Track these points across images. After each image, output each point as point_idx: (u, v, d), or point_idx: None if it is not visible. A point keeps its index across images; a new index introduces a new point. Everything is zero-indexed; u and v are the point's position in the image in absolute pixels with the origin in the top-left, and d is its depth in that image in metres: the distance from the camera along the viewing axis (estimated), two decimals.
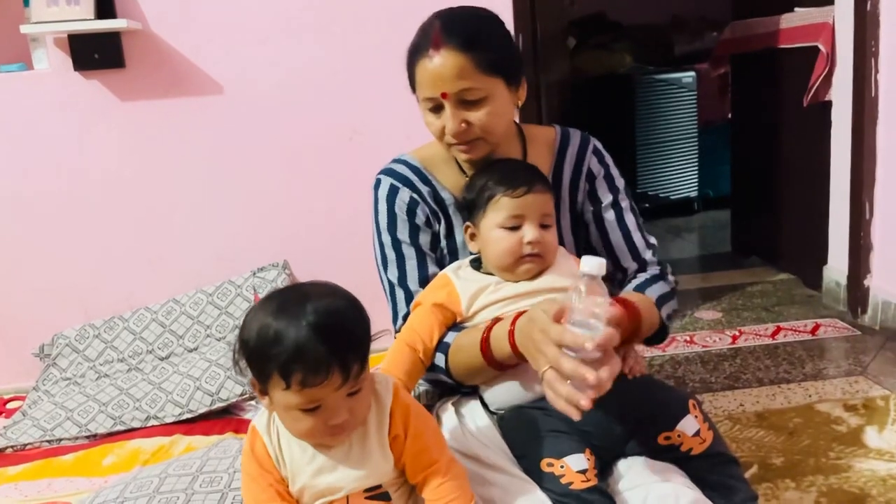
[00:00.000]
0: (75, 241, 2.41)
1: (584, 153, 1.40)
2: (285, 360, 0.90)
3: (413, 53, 1.26)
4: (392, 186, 1.36)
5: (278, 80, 2.39)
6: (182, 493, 1.40)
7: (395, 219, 1.36)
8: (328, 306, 0.93)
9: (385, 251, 1.37)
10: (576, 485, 1.08)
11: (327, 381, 0.91)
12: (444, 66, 1.20)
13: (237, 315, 2.32)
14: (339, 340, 0.92)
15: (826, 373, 2.27)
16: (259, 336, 0.92)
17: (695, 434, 1.13)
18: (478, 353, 1.17)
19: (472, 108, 1.23)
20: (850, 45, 2.61)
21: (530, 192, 1.20)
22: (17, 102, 2.33)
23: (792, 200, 3.17)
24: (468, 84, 1.21)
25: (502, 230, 1.21)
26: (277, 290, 1.00)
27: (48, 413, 2.08)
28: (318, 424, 0.94)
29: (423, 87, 1.24)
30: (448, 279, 1.26)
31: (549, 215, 1.22)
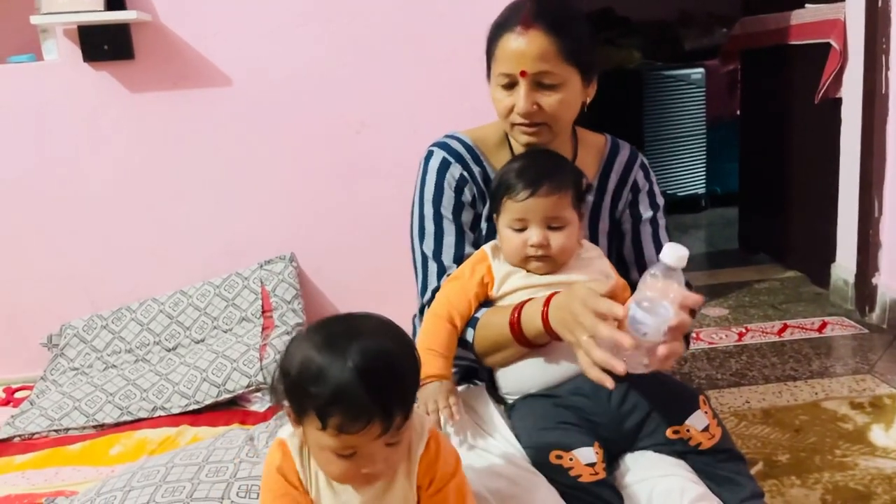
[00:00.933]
0: (84, 232, 2.42)
1: (631, 165, 1.41)
2: (324, 401, 0.84)
3: (498, 27, 1.26)
4: (444, 160, 1.36)
5: (286, 73, 2.39)
6: (188, 483, 1.41)
7: (441, 193, 1.35)
8: (378, 347, 0.87)
9: (424, 223, 1.36)
10: (584, 478, 1.09)
11: (366, 430, 0.84)
12: (530, 45, 1.20)
13: (244, 307, 2.33)
14: (385, 388, 0.85)
15: (833, 371, 2.27)
16: (301, 369, 0.86)
17: (704, 429, 1.14)
18: (506, 330, 1.17)
19: (546, 92, 1.23)
20: (860, 42, 2.60)
21: (533, 195, 1.18)
22: (26, 93, 2.33)
23: (800, 198, 3.16)
24: (549, 67, 1.21)
25: (510, 230, 1.21)
26: (327, 318, 0.93)
27: (56, 403, 2.09)
28: (351, 470, 0.89)
29: (503, 63, 1.24)
30: (486, 256, 1.26)
31: (558, 217, 1.19)
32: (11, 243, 2.41)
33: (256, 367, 2.09)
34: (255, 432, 1.69)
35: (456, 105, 2.39)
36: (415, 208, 1.39)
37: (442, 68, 2.41)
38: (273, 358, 2.11)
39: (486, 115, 1.37)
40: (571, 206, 1.20)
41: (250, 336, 2.21)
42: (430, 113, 2.43)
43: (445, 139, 1.40)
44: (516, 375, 1.23)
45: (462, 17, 2.39)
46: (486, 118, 1.41)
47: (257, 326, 2.27)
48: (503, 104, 1.26)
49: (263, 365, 2.09)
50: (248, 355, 2.12)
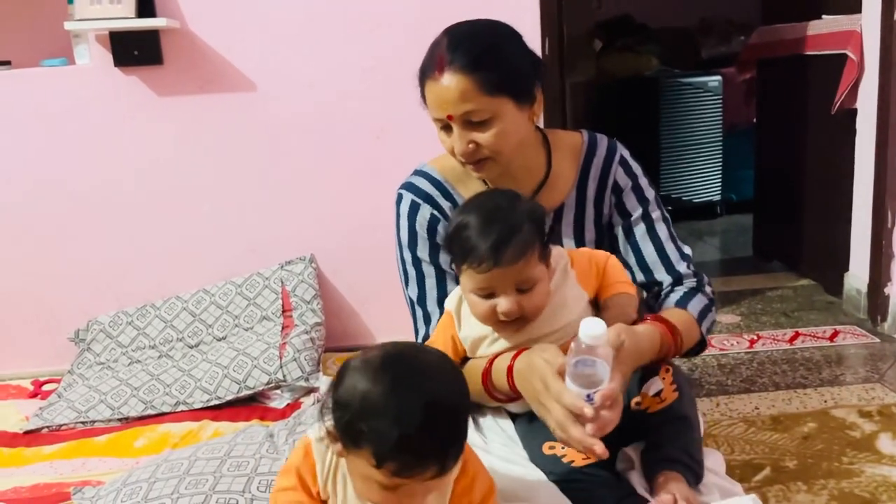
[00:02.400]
0: (111, 231, 2.49)
1: (609, 164, 1.35)
2: (387, 447, 0.83)
3: (422, 73, 1.26)
4: (413, 203, 1.35)
5: (309, 79, 2.44)
6: (211, 476, 1.46)
7: (415, 236, 1.34)
8: (448, 396, 0.86)
9: (406, 268, 1.37)
10: (577, 462, 1.11)
11: (421, 476, 0.85)
12: (448, 88, 1.18)
13: (265, 306, 2.38)
14: (447, 438, 0.85)
15: (843, 379, 2.29)
16: (363, 406, 0.84)
17: (655, 394, 1.14)
18: (480, 386, 1.18)
19: (479, 129, 1.20)
20: (876, 53, 2.62)
21: (496, 267, 1.06)
22: (58, 95, 2.40)
23: (815, 206, 3.17)
24: (472, 106, 1.18)
25: (475, 296, 1.12)
26: (387, 350, 0.90)
27: (83, 396, 2.15)
28: (390, 501, 0.89)
29: (431, 108, 1.24)
30: (451, 321, 1.21)
31: (528, 279, 1.10)
32: (43, 241, 2.48)
33: (276, 364, 2.14)
34: (274, 429, 1.73)
35: None
36: (396, 253, 1.38)
37: None
38: (292, 356, 2.16)
39: None
40: (538, 262, 1.11)
41: (270, 335, 2.27)
42: None
43: (413, 178, 1.38)
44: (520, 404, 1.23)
45: None
46: None
47: (277, 325, 2.32)
48: (446, 146, 1.26)
49: (283, 363, 2.14)
50: (268, 353, 2.17)
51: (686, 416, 1.16)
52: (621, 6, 4.76)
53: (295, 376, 2.13)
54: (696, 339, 1.27)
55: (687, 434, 1.15)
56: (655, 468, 1.11)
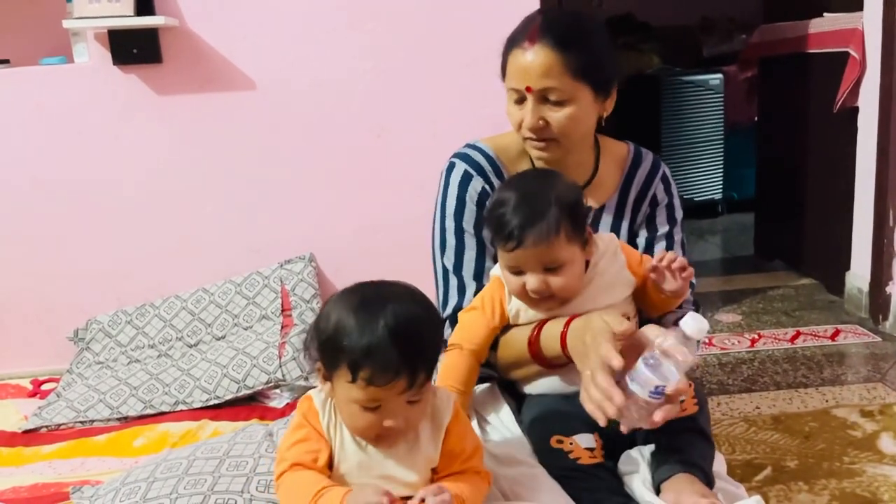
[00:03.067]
0: (110, 230, 2.48)
1: (653, 178, 1.39)
2: (357, 355, 0.92)
3: (510, 42, 1.26)
4: (466, 173, 1.35)
5: (309, 78, 2.44)
6: (209, 476, 1.45)
7: (463, 206, 1.34)
8: (408, 312, 0.95)
9: (446, 236, 1.36)
10: (583, 460, 1.12)
11: (393, 385, 0.92)
12: (535, 61, 1.20)
13: (264, 305, 2.38)
14: (412, 347, 0.93)
15: (844, 378, 2.28)
16: (336, 327, 0.94)
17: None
18: (525, 350, 1.18)
19: (553, 108, 1.22)
20: (877, 51, 2.61)
21: (520, 247, 1.12)
22: (57, 94, 2.40)
23: (816, 205, 3.17)
24: (554, 83, 1.20)
25: (508, 272, 1.18)
26: (360, 284, 1.01)
27: (82, 395, 2.15)
28: (374, 423, 0.96)
29: (511, 78, 1.24)
30: (500, 285, 1.23)
31: (555, 260, 1.13)
32: (41, 240, 2.48)
33: (276, 364, 2.14)
34: (273, 428, 1.73)
35: (475, 111, 2.41)
36: (436, 221, 1.38)
37: (462, 74, 2.45)
38: (291, 355, 2.16)
39: (506, 122, 1.38)
40: (567, 243, 1.13)
41: (270, 334, 2.26)
42: (449, 118, 2.46)
43: (467, 150, 1.38)
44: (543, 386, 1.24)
45: (482, 24, 2.41)
46: (506, 125, 1.43)
47: (277, 325, 2.32)
48: (514, 118, 1.27)
49: (282, 362, 2.14)
50: (267, 352, 2.17)
51: (704, 430, 1.17)
52: (622, 4, 4.76)
53: (294, 375, 2.13)
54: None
55: (705, 446, 1.16)
56: (671, 470, 1.10)
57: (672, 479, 1.09)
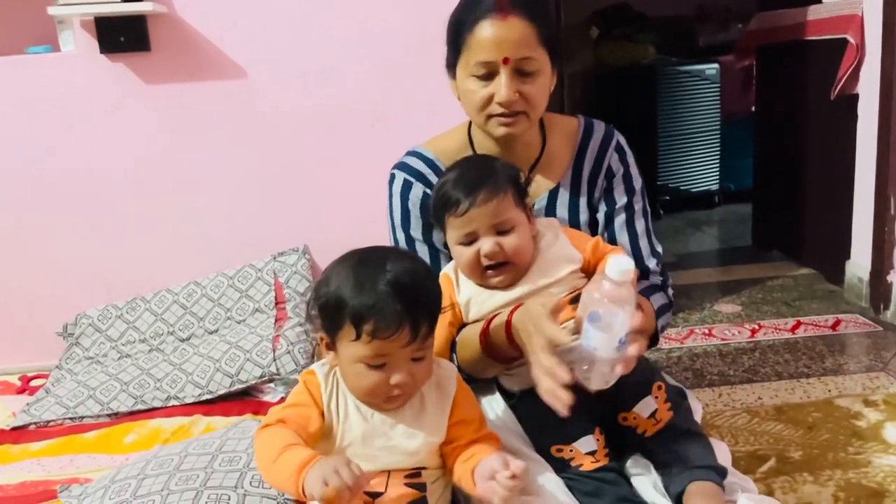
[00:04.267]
0: (99, 222, 2.44)
1: (605, 148, 1.36)
2: (360, 310, 0.93)
3: (468, 15, 1.23)
4: (406, 182, 1.35)
5: (301, 66, 2.40)
6: (202, 472, 1.42)
7: (408, 215, 1.35)
8: (407, 268, 0.98)
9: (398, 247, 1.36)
10: (586, 466, 1.10)
11: (397, 336, 0.94)
12: (511, 31, 1.18)
13: (257, 298, 2.34)
14: (414, 300, 0.95)
15: (846, 368, 2.26)
16: (337, 287, 0.96)
17: (650, 416, 1.12)
18: (478, 348, 1.17)
19: (526, 80, 1.21)
20: (878, 37, 2.58)
21: (472, 206, 1.14)
22: (43, 83, 2.35)
23: (815, 194, 3.14)
24: (529, 53, 1.20)
25: (460, 246, 1.19)
26: (356, 249, 1.04)
27: (71, 391, 2.11)
28: (381, 382, 0.97)
29: (480, 51, 1.21)
30: (449, 282, 1.24)
31: (506, 220, 1.16)
32: (28, 233, 2.43)
33: (269, 357, 2.10)
34: None
35: None
36: (389, 233, 1.39)
37: None
38: (285, 349, 2.12)
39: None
40: (515, 205, 1.17)
41: (263, 327, 2.23)
42: (443, 108, 2.41)
43: (405, 158, 1.39)
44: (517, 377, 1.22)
45: None
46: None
47: (270, 318, 2.28)
48: (479, 95, 1.23)
49: (276, 356, 2.10)
50: (261, 346, 2.13)
51: (688, 429, 1.15)
52: None
53: (289, 369, 2.09)
54: (651, 331, 1.26)
55: (698, 444, 1.13)
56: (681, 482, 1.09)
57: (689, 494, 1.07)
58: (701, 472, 1.09)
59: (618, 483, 1.11)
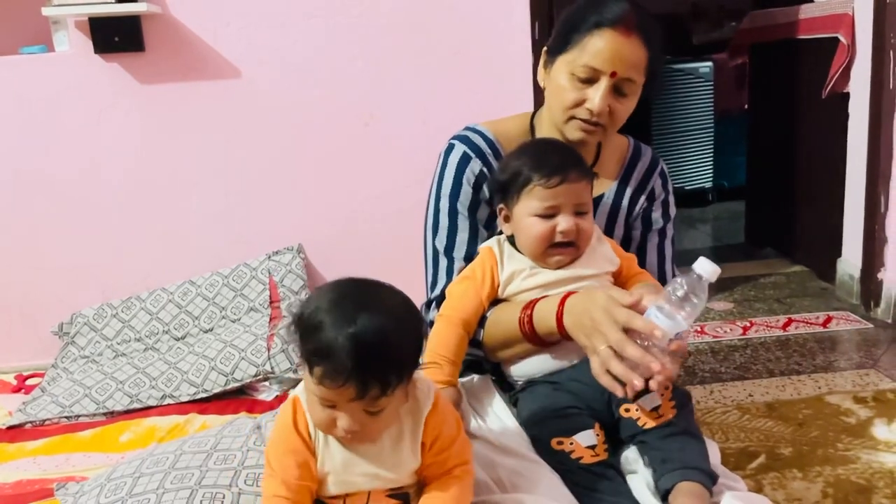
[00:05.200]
0: (94, 222, 2.45)
1: (652, 172, 1.41)
2: (313, 351, 0.91)
3: (592, 17, 1.22)
4: (465, 154, 1.34)
5: (295, 65, 2.40)
6: (197, 470, 1.43)
7: (459, 188, 1.34)
8: (378, 325, 0.91)
9: (439, 217, 1.35)
10: (585, 459, 1.10)
11: (341, 390, 0.90)
12: (631, 50, 1.20)
13: (252, 297, 2.35)
14: (370, 360, 0.90)
15: (837, 365, 2.27)
16: (308, 317, 0.93)
17: (653, 409, 1.13)
18: (516, 329, 1.18)
19: (620, 98, 1.23)
20: (869, 36, 2.59)
21: (565, 181, 1.16)
22: (37, 83, 2.36)
23: (807, 192, 3.16)
24: (635, 76, 1.22)
25: (536, 218, 1.19)
26: (350, 281, 0.98)
27: (67, 390, 2.12)
28: (328, 421, 0.95)
29: (594, 57, 1.21)
30: (493, 254, 1.25)
31: (585, 203, 1.20)
32: (23, 233, 2.44)
33: (264, 356, 2.11)
34: (262, 420, 1.71)
35: (465, 98, 2.40)
36: (430, 201, 1.37)
37: (451, 61, 2.42)
38: (280, 348, 2.13)
39: (495, 109, 1.36)
40: (591, 193, 1.22)
41: (258, 326, 2.24)
42: (438, 106, 2.44)
43: (466, 132, 1.38)
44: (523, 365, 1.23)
45: (472, 10, 2.40)
46: (495, 112, 1.41)
47: (265, 317, 2.29)
48: (572, 95, 1.24)
49: (271, 354, 2.11)
50: (255, 345, 2.14)
51: (688, 430, 1.15)
52: None
53: (283, 368, 2.10)
54: None
55: (695, 446, 1.13)
56: (672, 479, 1.09)
57: (676, 491, 1.08)
58: (693, 472, 1.09)
59: (616, 479, 1.12)
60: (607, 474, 1.11)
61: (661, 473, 1.10)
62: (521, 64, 2.42)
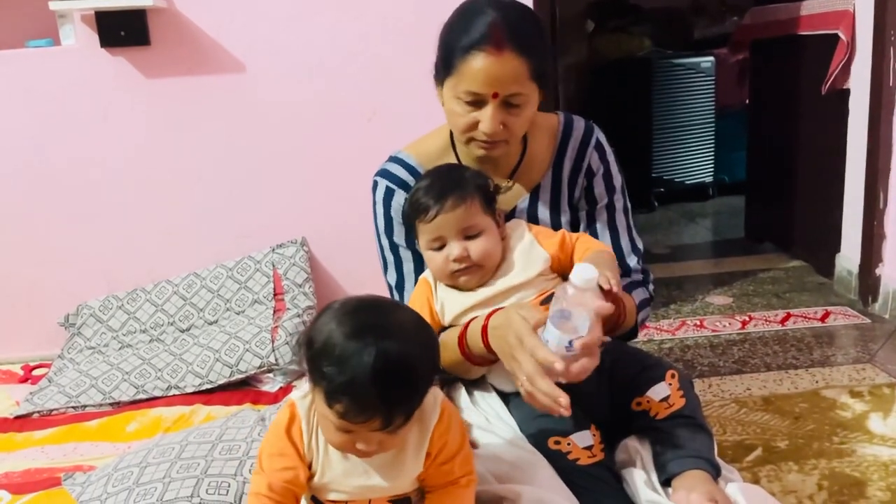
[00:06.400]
0: (100, 214, 2.46)
1: (585, 147, 1.36)
2: (335, 387, 0.87)
3: (462, 40, 1.18)
4: (388, 189, 1.36)
5: (300, 60, 2.42)
6: (202, 460, 1.45)
7: (391, 222, 1.36)
8: (400, 351, 0.87)
9: (384, 254, 1.39)
10: (582, 461, 1.12)
11: (365, 424, 0.88)
12: (504, 68, 1.16)
13: (256, 289, 2.37)
14: (396, 394, 0.88)
15: (834, 360, 2.30)
16: (324, 348, 0.89)
17: (662, 399, 1.15)
18: (457, 351, 1.19)
19: (513, 111, 1.20)
20: (869, 33, 2.61)
21: (440, 213, 1.19)
22: (44, 77, 2.37)
23: (807, 188, 3.18)
24: (519, 89, 1.18)
25: (430, 251, 1.24)
26: (363, 302, 0.94)
27: (73, 380, 2.14)
28: (346, 444, 0.93)
29: (471, 81, 1.18)
30: (427, 285, 1.28)
31: (472, 226, 1.20)
32: (30, 225, 2.45)
33: (268, 348, 2.13)
34: (266, 413, 1.73)
35: None
36: (375, 240, 1.41)
37: None
38: (284, 340, 2.15)
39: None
40: (482, 211, 1.21)
41: (262, 318, 2.26)
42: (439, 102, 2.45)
43: (387, 165, 1.39)
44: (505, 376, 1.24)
45: None
46: None
47: (269, 309, 2.31)
48: (464, 120, 1.22)
49: (275, 346, 2.14)
50: (260, 337, 2.16)
51: (697, 421, 1.17)
52: None
53: (287, 359, 2.12)
54: (631, 325, 1.29)
55: (704, 437, 1.16)
56: (682, 465, 1.11)
57: (684, 476, 1.09)
58: (703, 462, 1.11)
59: (612, 481, 1.13)
60: (604, 476, 1.12)
61: (671, 458, 1.12)
62: None
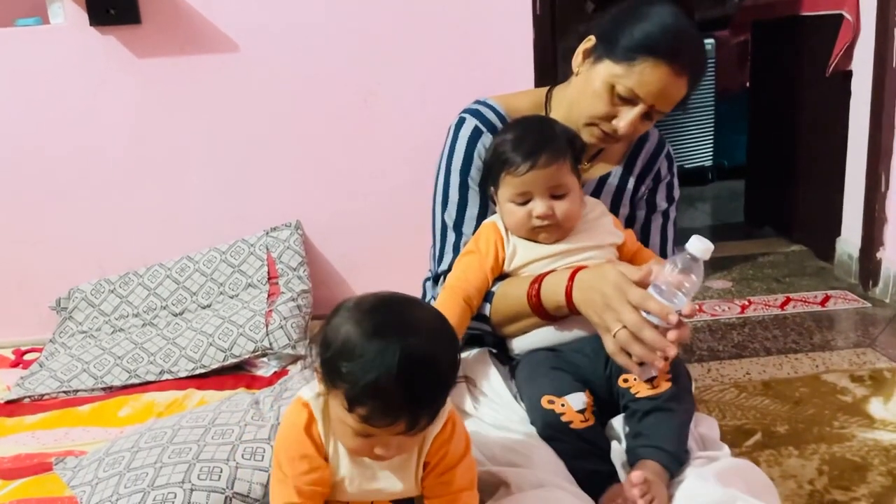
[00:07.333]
0: (91, 197, 2.43)
1: (658, 154, 1.42)
2: (358, 391, 0.83)
3: (654, 40, 1.20)
4: (476, 129, 1.34)
5: (294, 40, 2.38)
6: (194, 445, 1.43)
7: (470, 162, 1.34)
8: (426, 352, 0.84)
9: (449, 191, 1.35)
10: (575, 424, 1.11)
11: (389, 427, 0.85)
12: (673, 90, 1.22)
13: (250, 273, 2.34)
14: (422, 394, 0.85)
15: (834, 344, 2.28)
16: (343, 350, 0.85)
17: (648, 379, 1.13)
18: (524, 303, 1.18)
19: (645, 122, 1.25)
20: (872, 14, 2.57)
21: (534, 167, 1.18)
22: (32, 56, 2.32)
23: (807, 171, 3.15)
24: (669, 109, 1.25)
25: (512, 204, 1.21)
26: (380, 300, 0.90)
27: (65, 365, 2.12)
28: (364, 448, 0.90)
29: (640, 85, 1.21)
30: (497, 230, 1.26)
31: (560, 185, 1.20)
32: (20, 207, 2.42)
33: (262, 332, 2.11)
34: (259, 396, 1.71)
35: (465, 74, 2.37)
36: (440, 175, 1.37)
37: (452, 37, 2.40)
38: (278, 324, 2.13)
39: (495, 86, 1.34)
40: (571, 171, 1.21)
41: (256, 302, 2.23)
42: (439, 82, 2.42)
43: (477, 106, 1.37)
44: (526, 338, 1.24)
45: None
46: (495, 88, 1.39)
47: (263, 293, 2.29)
48: (604, 108, 1.24)
49: (269, 331, 2.11)
50: (254, 321, 2.14)
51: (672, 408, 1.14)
52: None
53: (282, 344, 2.10)
54: None
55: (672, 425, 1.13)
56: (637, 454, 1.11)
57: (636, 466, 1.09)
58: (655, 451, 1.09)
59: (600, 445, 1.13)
60: (596, 440, 1.12)
61: (632, 447, 1.12)
62: (523, 40, 2.39)
